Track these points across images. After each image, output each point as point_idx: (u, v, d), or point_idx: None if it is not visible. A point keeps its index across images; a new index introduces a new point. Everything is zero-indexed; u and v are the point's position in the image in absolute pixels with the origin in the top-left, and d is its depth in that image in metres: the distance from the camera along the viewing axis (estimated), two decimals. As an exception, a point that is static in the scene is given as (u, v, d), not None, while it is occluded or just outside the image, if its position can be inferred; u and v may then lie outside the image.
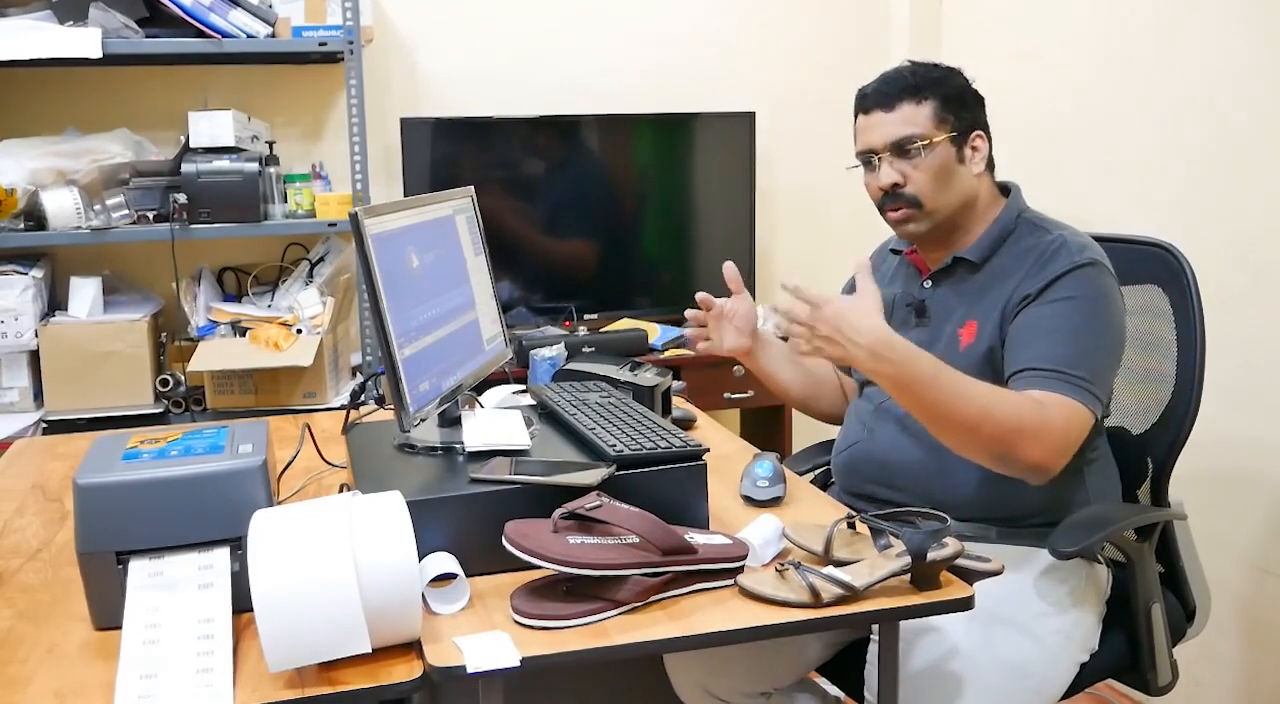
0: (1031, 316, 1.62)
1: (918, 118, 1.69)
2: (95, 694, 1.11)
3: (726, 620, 1.24)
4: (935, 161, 1.69)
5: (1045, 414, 1.51)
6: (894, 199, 1.71)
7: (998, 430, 1.50)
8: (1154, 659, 1.69)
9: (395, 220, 1.51)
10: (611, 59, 3.30)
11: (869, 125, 1.73)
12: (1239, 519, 2.34)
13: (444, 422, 1.62)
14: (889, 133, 1.70)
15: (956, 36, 3.31)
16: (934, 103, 1.70)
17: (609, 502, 1.31)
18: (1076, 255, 1.63)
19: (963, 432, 1.53)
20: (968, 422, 1.51)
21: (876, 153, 1.72)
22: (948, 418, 1.52)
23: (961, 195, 1.72)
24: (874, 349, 1.48)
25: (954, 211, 1.72)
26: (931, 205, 1.70)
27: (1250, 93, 2.29)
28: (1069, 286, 1.61)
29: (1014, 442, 1.51)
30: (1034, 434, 1.51)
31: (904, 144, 1.69)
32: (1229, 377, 2.27)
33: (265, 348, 2.65)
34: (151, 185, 2.72)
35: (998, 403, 1.51)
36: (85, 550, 1.21)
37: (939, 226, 1.73)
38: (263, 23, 2.71)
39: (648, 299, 3.30)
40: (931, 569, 1.30)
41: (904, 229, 1.74)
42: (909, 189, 1.69)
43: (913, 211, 1.71)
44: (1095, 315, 1.60)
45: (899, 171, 1.69)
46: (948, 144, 1.69)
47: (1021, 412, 1.51)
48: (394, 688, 1.12)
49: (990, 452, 1.53)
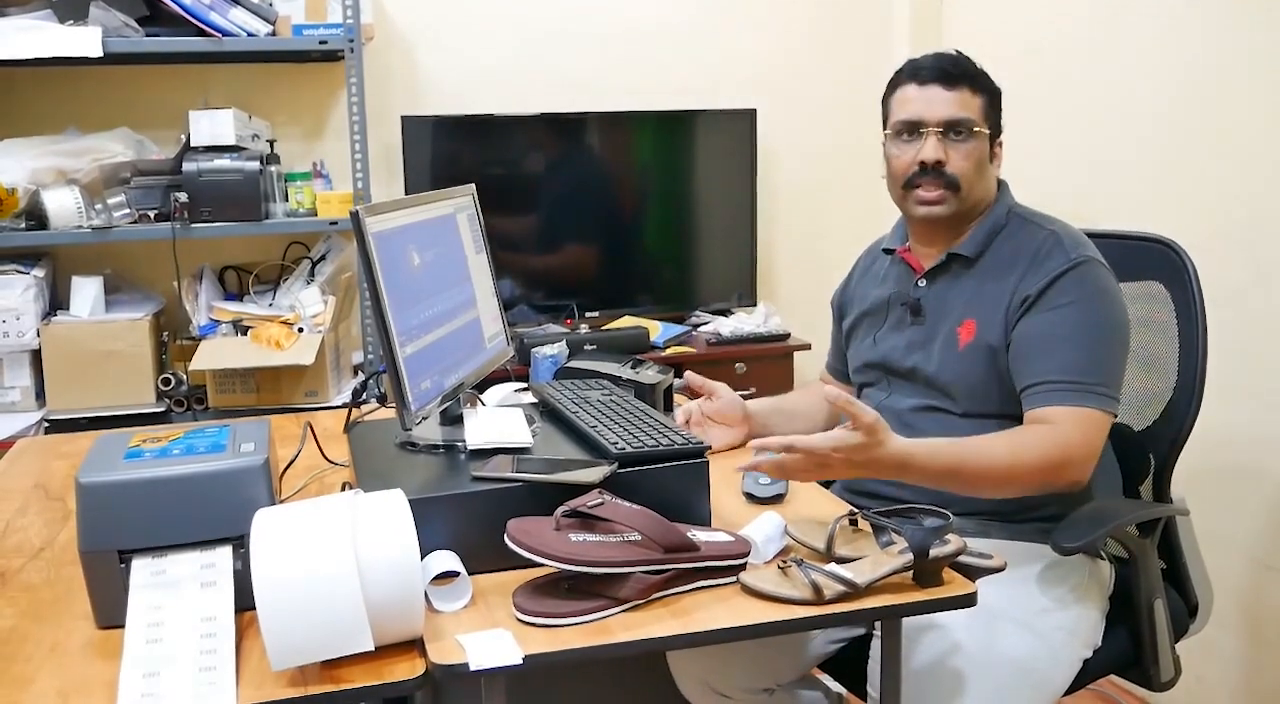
0: (1037, 325, 1.62)
1: (972, 104, 1.70)
2: (98, 693, 1.11)
3: (729, 618, 1.24)
4: (978, 151, 1.70)
5: (1065, 437, 1.54)
6: (934, 176, 1.69)
7: (1030, 474, 1.54)
8: (1156, 655, 1.69)
9: (396, 218, 1.51)
10: (613, 56, 3.30)
11: (924, 97, 1.70)
12: (1241, 515, 2.34)
13: (446, 420, 1.62)
14: (947, 110, 1.69)
15: (957, 33, 3.30)
16: (984, 98, 1.71)
17: (611, 499, 1.31)
18: (1072, 252, 1.64)
19: (999, 488, 1.57)
20: (1001, 479, 1.54)
21: (927, 126, 1.69)
22: (983, 485, 1.55)
23: (986, 191, 1.74)
24: (898, 469, 1.49)
25: (976, 204, 1.73)
26: (966, 191, 1.70)
27: (1252, 88, 2.29)
28: (1069, 289, 1.61)
29: (1047, 477, 1.54)
30: (1062, 462, 1.54)
31: (959, 125, 1.68)
32: (1231, 372, 2.27)
33: (267, 347, 2.65)
34: (152, 184, 2.72)
35: (1020, 448, 1.54)
36: (88, 549, 1.21)
37: (960, 216, 1.73)
38: (263, 21, 2.71)
39: (649, 297, 3.30)
40: (934, 566, 1.30)
41: (932, 209, 1.71)
42: (950, 169, 1.69)
43: (947, 193, 1.70)
44: (1100, 314, 1.61)
45: (945, 150, 1.69)
46: (986, 140, 1.71)
47: (1044, 446, 1.54)
48: (397, 686, 1.13)
49: (1022, 491, 1.57)
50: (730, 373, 3.06)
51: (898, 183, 1.75)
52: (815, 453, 1.44)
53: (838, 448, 1.44)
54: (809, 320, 3.30)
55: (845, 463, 1.45)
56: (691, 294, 3.35)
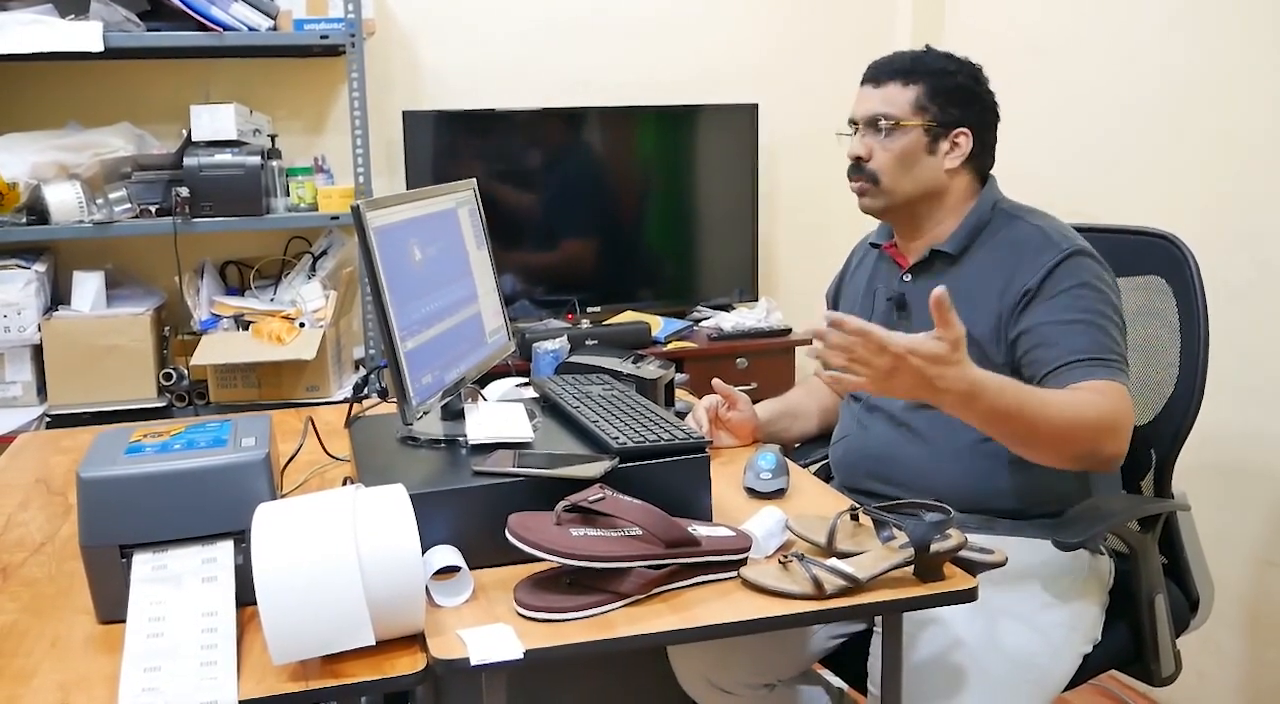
0: (1045, 311, 1.61)
1: (898, 100, 1.72)
2: (99, 687, 1.11)
3: (730, 612, 1.24)
4: (900, 145, 1.72)
5: (1113, 404, 1.52)
6: (856, 171, 1.76)
7: (1085, 433, 1.50)
8: (1157, 650, 1.69)
9: (398, 213, 1.51)
10: (614, 51, 3.30)
11: (858, 96, 1.78)
12: (1242, 511, 2.34)
13: (447, 414, 1.62)
14: (869, 107, 1.75)
15: (960, 28, 3.30)
16: (919, 90, 1.72)
17: (612, 494, 1.31)
18: (1063, 244, 1.65)
19: (1053, 444, 1.52)
20: (1057, 435, 1.50)
21: (855, 123, 1.77)
22: (1038, 438, 1.51)
23: (922, 185, 1.73)
24: (966, 397, 1.43)
25: (912, 199, 1.74)
26: (887, 185, 1.73)
27: (1255, 85, 2.29)
28: (1069, 276, 1.62)
29: (1097, 439, 1.51)
30: (1111, 428, 1.52)
31: (875, 121, 1.73)
32: (1233, 368, 2.27)
33: (268, 341, 2.65)
34: (154, 179, 2.72)
35: (1080, 408, 1.51)
36: (89, 544, 1.21)
37: (896, 210, 1.76)
38: (264, 16, 2.70)
39: (651, 292, 3.30)
40: (935, 561, 1.30)
41: (861, 202, 1.78)
42: (871, 165, 1.74)
43: (868, 186, 1.75)
44: (1103, 299, 1.62)
45: (866, 146, 1.74)
46: (920, 132, 1.71)
47: (1099, 408, 1.51)
48: (398, 680, 1.13)
49: (1073, 455, 1.53)
50: (731, 368, 3.06)
51: None
52: (890, 349, 1.38)
53: (915, 351, 1.38)
54: (810, 315, 3.28)
55: (915, 373, 1.39)
56: (693, 289, 3.35)
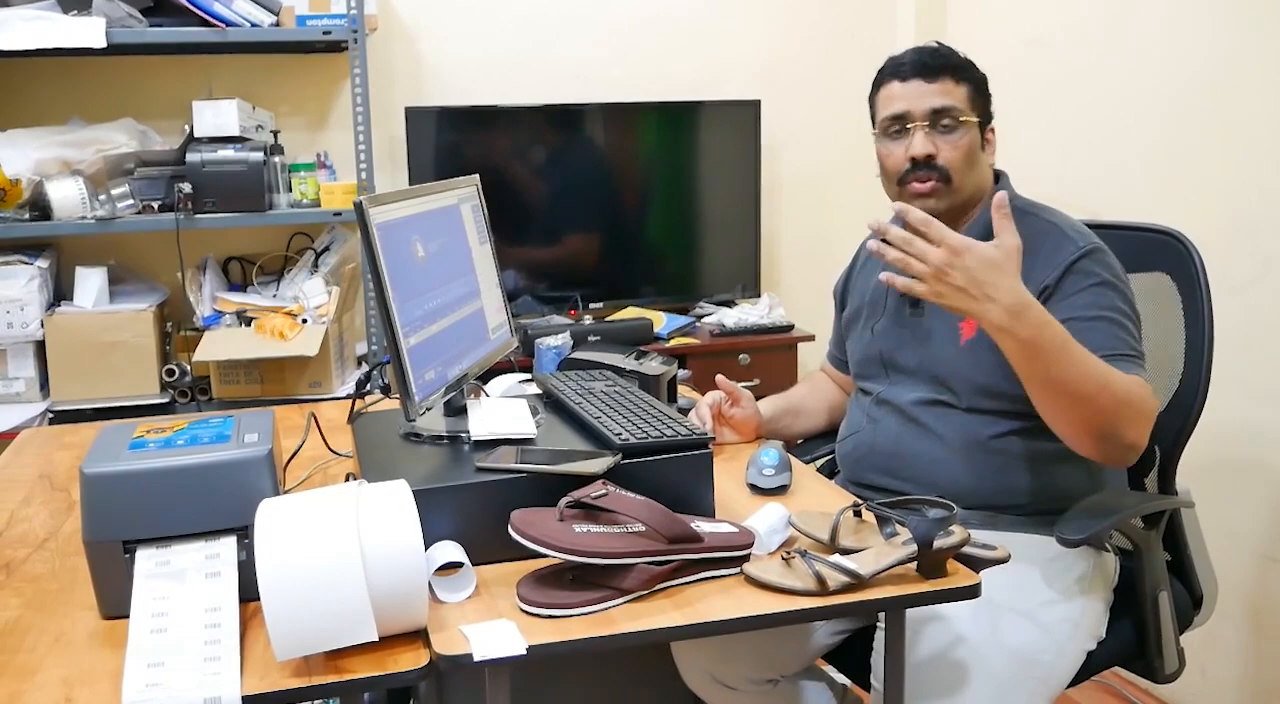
0: (1069, 308, 1.60)
1: (957, 94, 1.70)
2: (103, 683, 1.11)
3: (733, 609, 1.24)
4: (967, 140, 1.70)
5: (1141, 393, 1.53)
6: (926, 170, 1.69)
7: (1111, 402, 1.49)
8: (1161, 647, 1.68)
9: (400, 209, 1.51)
10: (617, 47, 3.29)
11: (907, 93, 1.71)
12: (1246, 507, 2.34)
13: (450, 410, 1.62)
14: (931, 102, 1.69)
15: (961, 23, 3.29)
16: (969, 86, 1.71)
17: (615, 490, 1.31)
18: (1080, 240, 1.65)
19: (1079, 402, 1.50)
20: (1086, 391, 1.48)
21: (913, 121, 1.70)
22: (1067, 386, 1.49)
23: (979, 181, 1.73)
24: (1013, 310, 1.44)
25: (970, 195, 1.73)
26: (959, 182, 1.70)
27: (1259, 79, 2.28)
28: (1088, 273, 1.62)
29: (1122, 415, 1.50)
30: (1138, 412, 1.52)
31: (944, 115, 1.69)
32: (1237, 364, 2.27)
33: (271, 337, 2.65)
34: (156, 175, 2.72)
35: (1111, 375, 1.50)
36: (92, 539, 1.22)
37: (957, 207, 1.72)
38: (267, 11, 2.70)
39: (653, 288, 3.29)
40: (938, 557, 1.30)
41: (926, 203, 1.70)
42: (941, 161, 1.69)
43: (940, 185, 1.70)
44: (1122, 297, 1.62)
45: (934, 143, 1.69)
46: (975, 129, 1.71)
47: (1130, 386, 1.51)
48: (401, 676, 1.13)
49: (1097, 426, 1.51)
50: (734, 364, 3.06)
51: (892, 180, 1.75)
52: (949, 241, 1.42)
53: (972, 249, 1.42)
54: (813, 312, 3.30)
55: (967, 274, 1.43)
56: (695, 285, 3.35)
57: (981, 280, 1.43)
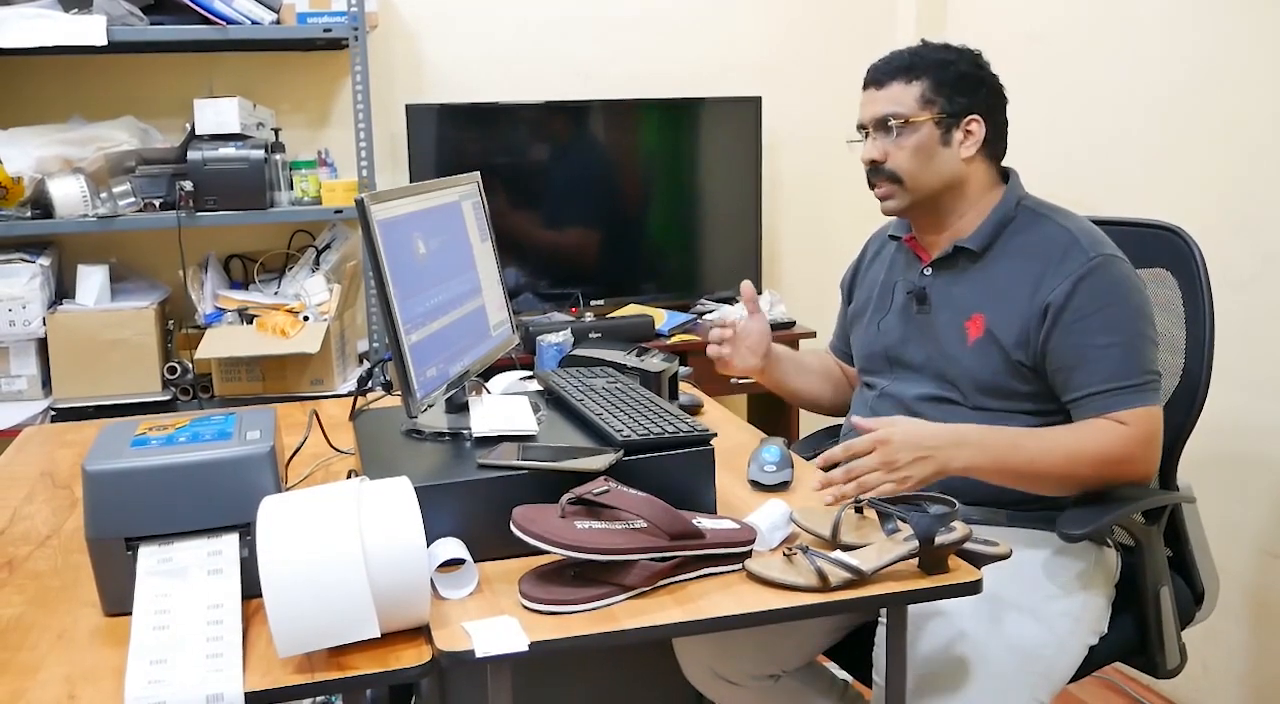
0: (1073, 336, 1.61)
1: (904, 97, 1.72)
2: (105, 680, 1.11)
3: (734, 605, 1.24)
4: (914, 141, 1.71)
5: (1127, 433, 1.57)
6: (876, 174, 1.75)
7: (1090, 469, 1.57)
8: (1162, 642, 1.69)
9: (401, 207, 1.51)
10: (618, 44, 3.29)
11: (863, 101, 1.78)
12: (1248, 503, 2.34)
13: (451, 407, 1.62)
14: (876, 110, 1.74)
15: (962, 19, 3.29)
16: (925, 84, 1.71)
17: (616, 487, 1.31)
18: (1090, 251, 1.63)
19: (1057, 481, 1.59)
20: (1058, 472, 1.58)
21: (866, 128, 1.76)
22: (1040, 475, 1.58)
23: (942, 177, 1.73)
24: (957, 443, 1.53)
25: (936, 192, 1.73)
26: (911, 183, 1.72)
27: (1258, 74, 2.28)
28: (1096, 293, 1.61)
29: (1110, 471, 1.58)
30: (1125, 458, 1.58)
31: (885, 121, 1.72)
32: (1238, 360, 2.27)
33: (272, 335, 2.65)
34: (158, 173, 2.72)
35: (1079, 441, 1.57)
36: (94, 537, 1.22)
37: (921, 206, 1.75)
38: (267, 9, 2.70)
39: (654, 285, 3.29)
40: (939, 553, 1.30)
41: (885, 205, 1.77)
42: (889, 165, 1.73)
43: (893, 188, 1.74)
44: (1130, 309, 1.62)
45: (881, 148, 1.73)
46: (931, 125, 1.71)
47: (1103, 441, 1.57)
48: (403, 673, 1.13)
49: (1091, 487, 1.59)
50: (735, 361, 3.06)
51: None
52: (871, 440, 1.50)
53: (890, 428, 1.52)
54: (814, 308, 3.30)
55: (906, 448, 1.50)
56: (696, 282, 3.35)
57: (916, 444, 1.51)
